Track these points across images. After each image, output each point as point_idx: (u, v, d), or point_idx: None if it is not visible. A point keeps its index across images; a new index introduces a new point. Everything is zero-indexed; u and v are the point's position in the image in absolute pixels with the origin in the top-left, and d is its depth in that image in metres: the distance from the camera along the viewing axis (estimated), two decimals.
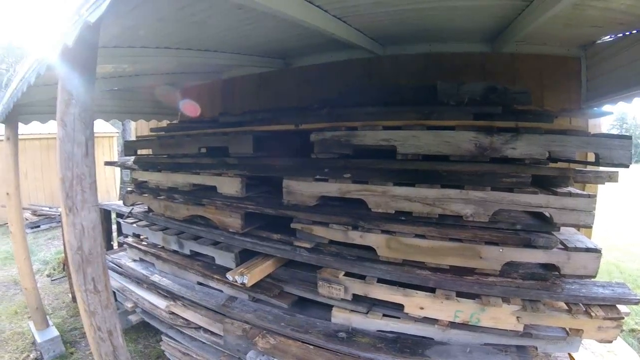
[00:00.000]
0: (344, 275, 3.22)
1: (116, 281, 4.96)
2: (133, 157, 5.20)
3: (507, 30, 3.91)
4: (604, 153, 2.67)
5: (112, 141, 16.40)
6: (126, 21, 2.87)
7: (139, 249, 5.02)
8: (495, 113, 3.14)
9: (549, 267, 2.89)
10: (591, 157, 2.84)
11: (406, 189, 3.04)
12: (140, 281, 4.84)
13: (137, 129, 9.19)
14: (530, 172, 2.80)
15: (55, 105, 2.24)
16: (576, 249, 2.77)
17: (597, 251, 2.76)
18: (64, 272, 7.58)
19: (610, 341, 2.72)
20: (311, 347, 3.12)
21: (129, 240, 5.24)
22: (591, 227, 2.88)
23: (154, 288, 4.60)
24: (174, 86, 7.09)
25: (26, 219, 10.09)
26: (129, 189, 5.42)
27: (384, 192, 3.11)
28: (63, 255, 7.50)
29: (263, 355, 3.21)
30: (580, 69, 4.39)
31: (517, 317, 2.73)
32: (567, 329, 2.76)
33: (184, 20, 3.14)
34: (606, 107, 4.34)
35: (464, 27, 4.06)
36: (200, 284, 4.29)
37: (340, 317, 3.27)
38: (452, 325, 2.91)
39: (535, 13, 3.15)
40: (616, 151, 2.64)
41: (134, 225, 5.11)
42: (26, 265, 5.16)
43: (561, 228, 2.89)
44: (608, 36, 3.92)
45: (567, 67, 4.43)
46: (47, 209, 12.64)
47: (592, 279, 2.87)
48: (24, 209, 5.45)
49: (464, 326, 2.90)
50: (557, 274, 2.83)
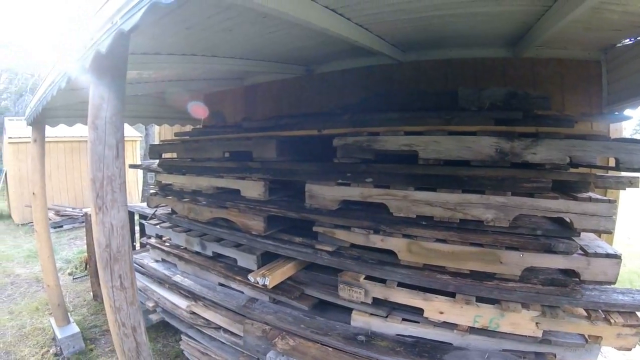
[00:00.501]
0: (364, 278, 3.25)
1: (138, 281, 5.01)
2: (158, 160, 5.29)
3: (528, 35, 3.90)
4: (625, 158, 2.67)
5: (135, 145, 16.60)
6: (155, 29, 2.93)
7: (161, 250, 5.11)
8: (515, 118, 3.15)
9: (569, 273, 2.88)
10: (612, 162, 2.83)
11: (427, 193, 3.06)
12: (162, 281, 4.92)
13: (161, 133, 9.30)
14: (551, 177, 2.79)
15: (82, 109, 2.28)
16: (596, 255, 2.76)
17: (617, 257, 2.74)
18: (85, 271, 7.71)
19: (630, 349, 2.69)
20: (330, 349, 3.14)
21: (152, 241, 5.32)
22: (612, 233, 2.87)
23: (176, 288, 4.67)
24: (197, 92, 7.17)
25: (50, 219, 10.25)
26: (152, 191, 5.51)
27: (406, 196, 3.14)
28: (85, 254, 7.61)
29: (282, 356, 3.24)
30: (600, 72, 4.33)
31: (537, 323, 2.72)
32: (586, 336, 2.73)
33: (211, 28, 3.19)
34: (627, 111, 4.30)
35: (484, 33, 4.05)
36: (222, 285, 4.35)
37: (360, 320, 3.29)
38: (471, 330, 2.92)
39: (555, 17, 3.13)
40: (637, 156, 2.64)
41: (157, 226, 5.19)
42: (50, 263, 5.27)
43: (581, 234, 2.87)
44: (628, 39, 3.88)
45: (587, 70, 4.38)
46: (70, 209, 12.86)
47: (612, 286, 2.85)
48: (47, 209, 5.55)
49: (482, 331, 2.90)
50: (577, 279, 2.82)
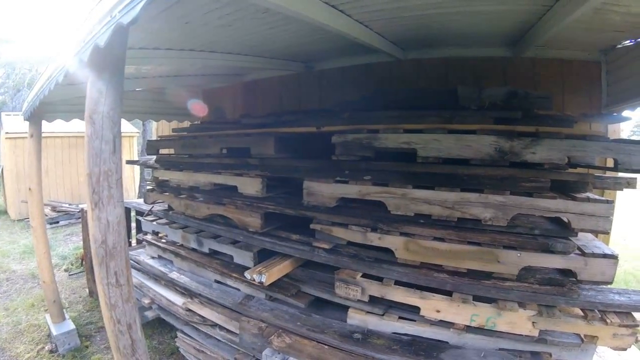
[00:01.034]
0: (361, 276, 3.25)
1: (134, 277, 4.98)
2: (155, 156, 5.27)
3: (528, 34, 3.90)
4: (623, 159, 2.68)
5: (133, 141, 16.56)
6: (154, 23, 2.91)
7: (158, 246, 5.09)
8: (515, 118, 3.15)
9: (566, 273, 2.88)
10: (610, 163, 2.83)
11: (426, 191, 3.06)
12: (158, 278, 4.91)
13: (158, 129, 9.27)
14: (550, 177, 2.80)
15: (79, 103, 2.27)
16: (593, 255, 2.76)
17: (614, 257, 2.74)
18: (81, 267, 7.70)
19: (625, 349, 2.70)
20: (326, 347, 3.14)
21: (148, 237, 5.31)
22: (609, 233, 2.88)
23: (172, 285, 4.66)
24: (196, 88, 7.16)
25: (46, 215, 10.23)
26: (149, 187, 5.49)
27: (404, 194, 3.13)
28: (81, 250, 7.61)
29: (278, 354, 3.24)
30: (600, 73, 4.36)
31: (533, 323, 2.73)
32: (582, 336, 2.74)
33: (210, 23, 3.18)
34: (626, 113, 4.31)
35: (485, 32, 4.06)
36: (218, 282, 4.34)
37: (356, 318, 3.29)
38: (468, 329, 2.92)
39: (556, 17, 3.14)
40: (635, 157, 2.65)
41: (154, 222, 5.18)
42: (45, 259, 5.26)
43: (579, 234, 2.87)
44: (629, 41, 3.89)
45: (587, 71, 4.39)
46: (66, 205, 12.83)
47: (609, 286, 2.86)
48: (44, 204, 5.53)
49: (479, 330, 2.90)
50: (574, 279, 2.82)
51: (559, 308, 2.77)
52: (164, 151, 5.28)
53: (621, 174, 2.92)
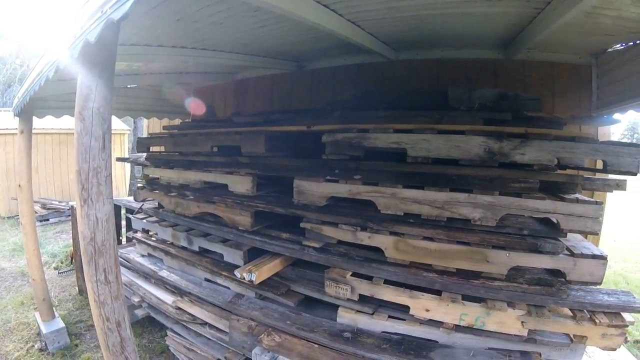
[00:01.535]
0: (351, 275, 3.25)
1: (124, 275, 4.98)
2: (145, 154, 5.25)
3: (520, 37, 3.92)
4: (612, 160, 2.68)
5: (124, 138, 16.50)
6: (145, 20, 2.90)
7: (148, 245, 5.07)
8: (505, 119, 3.17)
9: (555, 273, 2.90)
10: (600, 165, 2.85)
11: (415, 191, 3.07)
12: (148, 276, 4.88)
13: (149, 126, 9.25)
14: (539, 178, 2.81)
15: (69, 100, 2.25)
16: (582, 256, 2.78)
17: (603, 258, 2.76)
18: (71, 265, 7.63)
19: (614, 349, 2.72)
20: (316, 346, 3.14)
21: (138, 235, 5.28)
22: (598, 234, 2.89)
23: (162, 283, 4.64)
24: (187, 85, 7.14)
25: (36, 212, 10.17)
26: (140, 185, 5.46)
27: (394, 194, 3.14)
28: (71, 248, 7.54)
29: (268, 353, 3.24)
30: (591, 76, 4.39)
31: (522, 322, 2.74)
32: (571, 336, 2.76)
33: (201, 20, 3.17)
34: (616, 116, 4.34)
35: (477, 34, 4.07)
36: (208, 280, 4.33)
37: (346, 317, 3.29)
38: (457, 328, 2.93)
39: (547, 20, 3.15)
40: (624, 159, 2.65)
41: (144, 220, 5.15)
42: (35, 256, 5.21)
43: (568, 234, 2.89)
44: (619, 44, 3.91)
45: (578, 74, 4.43)
46: (56, 202, 12.75)
47: (598, 286, 2.88)
48: (34, 202, 5.48)
49: (468, 330, 2.91)
50: (563, 280, 2.84)
51: (548, 308, 2.79)
52: (154, 149, 5.25)
53: (611, 176, 2.93)
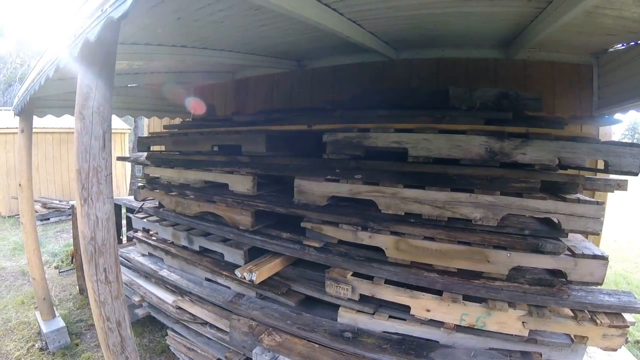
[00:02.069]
0: (351, 275, 3.24)
1: (124, 275, 4.97)
2: (146, 153, 5.24)
3: (520, 37, 3.92)
4: (613, 160, 2.67)
5: (124, 137, 16.48)
6: (145, 19, 2.90)
7: (148, 244, 5.07)
8: (506, 119, 3.16)
9: (556, 273, 2.90)
10: (601, 165, 2.84)
11: (416, 191, 3.06)
12: (148, 275, 4.88)
13: (150, 125, 9.23)
14: (540, 178, 2.81)
15: (70, 99, 2.23)
16: (583, 256, 2.78)
17: (604, 258, 2.76)
18: (72, 265, 7.63)
19: (615, 349, 2.71)
20: (317, 345, 3.14)
21: (139, 234, 5.28)
22: (599, 234, 2.88)
23: (162, 283, 4.64)
24: (188, 85, 7.14)
25: (36, 211, 10.16)
26: (140, 184, 5.46)
27: (394, 193, 3.14)
28: (72, 247, 7.54)
29: (269, 352, 3.23)
30: (592, 76, 4.40)
31: (523, 322, 2.74)
32: (572, 336, 2.75)
33: (202, 19, 3.17)
34: (617, 115, 4.33)
35: (477, 33, 4.07)
36: (208, 280, 4.32)
37: (347, 317, 3.29)
38: (458, 328, 2.92)
39: (548, 20, 3.15)
40: (625, 159, 2.65)
41: (145, 220, 5.15)
42: (36, 256, 5.20)
43: (569, 235, 2.89)
44: (620, 44, 3.91)
45: (579, 74, 4.43)
46: (57, 202, 12.74)
47: (599, 287, 2.87)
48: (34, 201, 5.48)
49: (469, 330, 2.91)
50: (564, 280, 2.84)
51: (548, 308, 2.78)
52: (155, 148, 5.25)
53: (612, 176, 2.92)
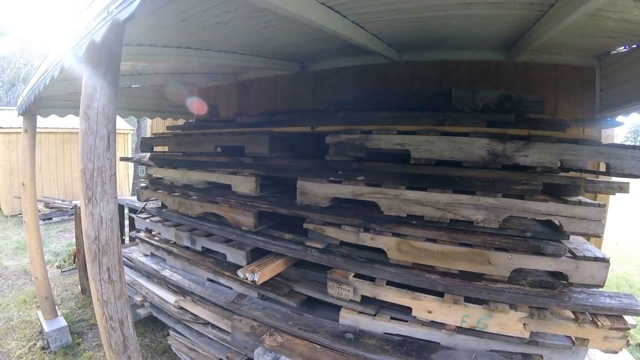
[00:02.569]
0: (353, 276, 3.25)
1: (127, 275, 4.97)
2: (149, 154, 5.26)
3: (523, 39, 3.92)
4: (615, 163, 2.68)
5: (127, 138, 16.50)
6: (151, 20, 2.91)
7: (150, 244, 5.08)
8: (508, 121, 3.17)
9: (557, 275, 2.90)
10: (603, 167, 2.85)
11: (418, 193, 3.07)
12: (150, 275, 4.90)
13: (153, 126, 9.25)
14: (542, 180, 2.81)
15: (73, 99, 2.24)
16: (585, 258, 2.78)
17: (605, 261, 2.76)
18: (74, 264, 7.64)
19: (616, 352, 2.72)
20: (318, 346, 3.14)
21: (141, 235, 5.30)
22: (600, 237, 2.89)
23: (164, 283, 4.65)
24: (191, 86, 7.15)
25: (39, 211, 10.17)
26: (143, 184, 5.47)
27: (397, 195, 3.14)
28: (74, 247, 7.56)
29: (270, 353, 3.24)
30: (594, 79, 4.40)
31: (524, 324, 2.74)
32: (573, 338, 2.76)
33: (207, 21, 3.18)
34: (619, 118, 4.34)
35: (480, 36, 4.07)
36: (211, 280, 4.33)
37: (348, 318, 3.30)
38: (459, 330, 2.93)
39: (550, 22, 3.15)
40: (627, 161, 2.65)
41: (147, 220, 5.16)
42: (38, 255, 5.22)
43: (570, 237, 2.88)
44: (623, 47, 3.91)
45: (581, 77, 4.43)
46: (59, 201, 12.75)
47: (600, 289, 2.88)
48: (37, 200, 5.50)
49: (470, 331, 2.91)
50: (565, 282, 2.84)
51: (550, 310, 2.78)
52: (158, 148, 5.26)
53: (614, 178, 2.93)
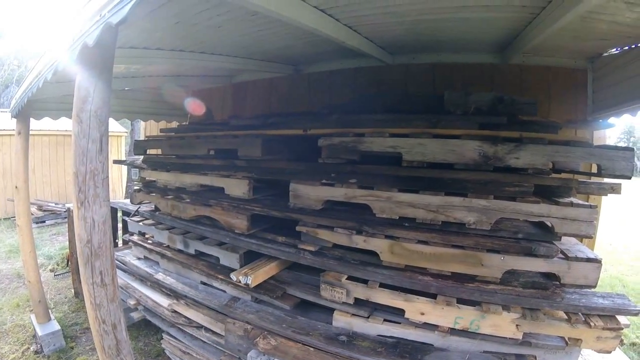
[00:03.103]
0: (346, 279, 3.25)
1: (120, 278, 4.95)
2: (142, 157, 5.25)
3: (515, 41, 3.94)
4: (607, 164, 2.69)
5: (121, 140, 16.48)
6: (144, 23, 2.91)
7: (144, 247, 5.05)
8: (500, 123, 3.17)
9: (550, 276, 2.90)
10: (595, 169, 2.86)
11: (411, 195, 3.07)
12: (144, 279, 4.88)
13: (147, 128, 9.23)
14: (533, 182, 2.83)
15: (67, 102, 2.24)
16: (577, 259, 2.79)
17: (597, 261, 2.77)
18: (67, 268, 7.62)
19: (609, 352, 2.72)
20: (312, 349, 3.13)
21: (135, 238, 5.27)
22: (592, 238, 2.90)
23: (158, 286, 4.63)
24: (185, 88, 7.15)
25: (32, 214, 10.13)
26: (136, 187, 5.46)
27: (389, 197, 3.14)
28: (67, 250, 7.54)
29: (264, 356, 3.23)
30: (586, 80, 4.42)
31: (517, 325, 2.75)
32: (566, 339, 2.77)
33: (200, 24, 3.18)
34: (611, 120, 4.37)
35: (473, 38, 4.09)
36: (204, 283, 4.31)
37: (342, 320, 3.29)
38: (452, 331, 2.93)
39: (543, 25, 3.16)
40: (618, 163, 2.66)
41: (140, 223, 5.14)
42: (31, 258, 5.20)
43: (562, 238, 2.90)
44: (615, 49, 3.94)
45: (574, 78, 4.46)
46: (53, 204, 12.71)
47: (593, 290, 2.88)
48: (30, 203, 5.47)
49: (463, 333, 2.91)
50: (558, 283, 2.85)
51: (542, 311, 2.78)
52: (151, 151, 5.26)
53: (607, 180, 2.95)
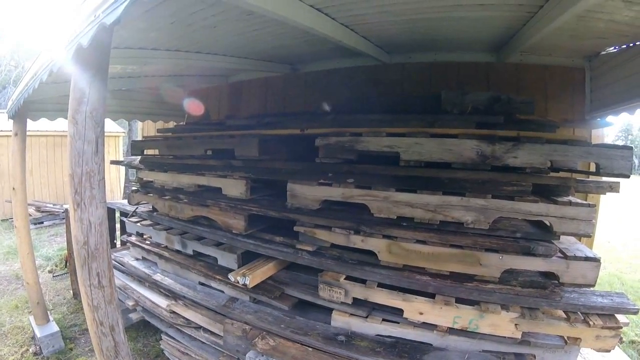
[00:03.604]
0: (344, 278, 3.25)
1: (118, 279, 4.96)
2: (139, 157, 5.23)
3: (513, 40, 3.94)
4: (605, 163, 2.69)
5: (118, 141, 16.45)
6: (139, 23, 2.90)
7: (142, 248, 5.04)
8: (497, 122, 3.17)
9: (549, 276, 2.90)
10: (593, 167, 2.86)
11: (408, 195, 3.06)
12: (142, 280, 4.86)
13: (144, 129, 9.21)
14: (531, 181, 2.82)
15: (63, 103, 2.24)
16: (575, 258, 2.79)
17: (596, 260, 2.77)
18: (65, 269, 7.59)
19: (609, 350, 2.73)
20: (310, 349, 3.13)
21: (132, 239, 5.26)
22: (591, 237, 2.90)
23: (156, 287, 4.62)
24: (181, 88, 7.13)
25: (30, 215, 10.12)
26: (134, 188, 5.45)
27: (387, 197, 3.14)
28: (65, 251, 7.50)
29: (262, 356, 3.22)
30: (584, 79, 4.42)
31: (516, 325, 2.75)
32: (566, 338, 2.76)
33: (195, 24, 3.17)
34: (609, 118, 4.36)
35: (470, 37, 4.09)
36: (202, 284, 4.31)
37: (340, 320, 3.28)
38: (451, 331, 2.93)
39: (540, 24, 3.16)
40: (617, 161, 2.66)
41: (138, 224, 5.12)
42: (29, 259, 5.18)
43: (561, 237, 2.90)
44: (612, 47, 3.93)
45: (571, 77, 4.45)
46: (51, 205, 12.67)
47: (591, 288, 2.88)
48: (28, 204, 5.45)
49: (462, 332, 2.91)
50: (556, 282, 2.84)
51: (541, 310, 2.79)
52: (149, 152, 5.24)
53: (604, 178, 2.94)
